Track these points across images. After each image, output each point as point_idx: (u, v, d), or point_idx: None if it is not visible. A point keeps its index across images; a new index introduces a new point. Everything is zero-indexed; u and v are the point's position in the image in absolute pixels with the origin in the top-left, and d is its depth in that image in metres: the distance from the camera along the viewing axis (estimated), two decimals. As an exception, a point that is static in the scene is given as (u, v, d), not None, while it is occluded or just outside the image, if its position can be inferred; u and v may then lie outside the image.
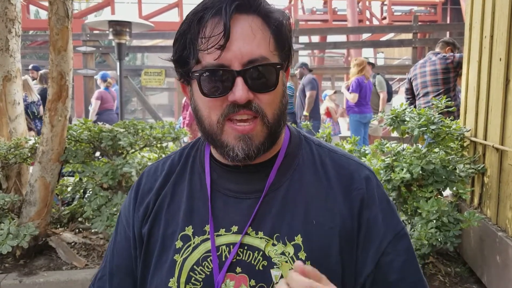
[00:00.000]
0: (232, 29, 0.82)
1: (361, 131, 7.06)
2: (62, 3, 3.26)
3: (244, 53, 0.83)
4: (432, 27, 13.88)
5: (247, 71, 0.83)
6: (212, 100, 0.86)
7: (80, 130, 3.62)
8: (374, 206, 0.93)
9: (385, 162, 3.18)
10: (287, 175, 0.95)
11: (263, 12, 0.86)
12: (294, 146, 0.99)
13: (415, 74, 5.08)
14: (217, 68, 0.83)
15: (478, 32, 3.43)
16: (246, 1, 0.84)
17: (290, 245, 0.90)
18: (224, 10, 0.82)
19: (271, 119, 0.87)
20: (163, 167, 1.06)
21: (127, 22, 6.28)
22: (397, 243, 0.93)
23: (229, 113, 0.85)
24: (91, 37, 10.61)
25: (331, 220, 0.91)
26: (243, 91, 0.83)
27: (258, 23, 0.85)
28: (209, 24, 0.83)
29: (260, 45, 0.84)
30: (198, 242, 0.93)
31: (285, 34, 0.89)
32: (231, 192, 0.95)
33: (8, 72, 3.64)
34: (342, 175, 0.96)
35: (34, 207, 3.42)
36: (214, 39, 0.82)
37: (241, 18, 0.84)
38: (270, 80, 0.86)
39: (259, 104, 0.85)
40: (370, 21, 19.44)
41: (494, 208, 3.06)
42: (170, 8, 18.70)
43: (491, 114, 3.16)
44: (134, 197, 1.05)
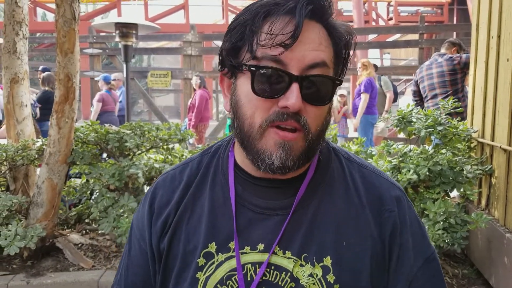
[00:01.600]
0: (302, 31, 0.78)
1: (369, 132, 7.04)
2: (69, 5, 3.28)
3: (305, 56, 0.79)
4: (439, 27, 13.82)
5: (305, 78, 0.79)
6: (261, 100, 0.81)
7: (87, 132, 3.63)
8: (405, 230, 0.90)
9: (391, 163, 3.16)
10: (318, 192, 0.90)
11: (331, 25, 0.84)
12: (324, 160, 0.93)
13: (421, 77, 5.06)
14: (276, 67, 0.79)
15: (485, 33, 3.41)
16: (320, 8, 0.81)
17: (319, 266, 0.86)
18: (299, 10, 0.78)
19: (314, 135, 0.83)
20: (181, 177, 0.98)
21: (133, 24, 6.31)
22: (426, 268, 0.91)
23: (275, 120, 0.80)
24: (98, 39, 10.67)
25: (362, 242, 0.87)
26: (297, 99, 0.78)
27: (324, 33, 0.82)
28: (278, 21, 0.79)
29: (324, 51, 0.81)
30: (222, 260, 0.88)
31: (344, 52, 0.85)
32: (258, 207, 0.89)
33: (16, 74, 3.67)
34: (373, 194, 0.91)
35: (41, 209, 3.44)
36: (281, 37, 0.77)
37: (311, 24, 0.81)
38: (326, 94, 0.82)
39: (306, 117, 0.81)
40: (376, 22, 19.39)
41: (502, 209, 3.04)
42: (176, 10, 18.76)
43: (498, 115, 3.14)
44: (149, 210, 0.97)
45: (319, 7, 0.80)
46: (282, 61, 0.78)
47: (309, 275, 0.85)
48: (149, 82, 10.70)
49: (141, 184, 3.70)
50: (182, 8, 18.44)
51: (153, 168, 3.67)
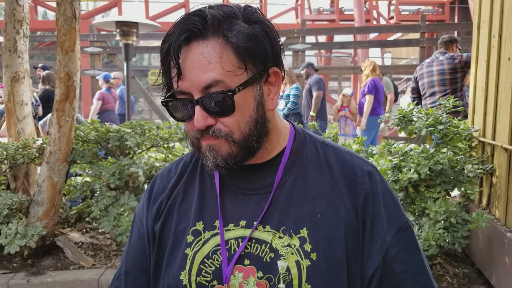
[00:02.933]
0: (185, 60, 0.86)
1: (373, 132, 7.03)
2: (70, 4, 3.27)
3: (198, 80, 0.86)
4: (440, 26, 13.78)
5: (203, 99, 0.87)
6: (185, 123, 0.94)
7: (88, 131, 3.63)
8: (377, 200, 0.97)
9: (392, 163, 3.16)
10: (292, 171, 0.99)
11: (223, 31, 0.87)
12: (299, 144, 1.02)
13: (421, 74, 5.05)
14: (178, 98, 0.90)
15: (486, 32, 3.40)
16: (196, 30, 0.86)
17: (296, 237, 0.94)
18: (173, 44, 0.86)
19: (238, 137, 0.91)
20: (176, 169, 1.10)
21: (134, 23, 6.29)
22: (401, 236, 0.96)
23: (198, 136, 0.92)
24: (99, 37, 10.65)
25: (336, 213, 0.95)
26: (201, 119, 0.88)
27: (215, 46, 0.86)
28: (168, 57, 0.88)
29: (214, 69, 0.86)
30: (208, 237, 0.98)
31: (256, 43, 0.88)
32: (239, 189, 1.00)
33: (16, 72, 3.67)
34: (346, 170, 0.99)
35: (41, 207, 3.44)
36: (173, 71, 0.87)
37: (197, 46, 0.87)
38: (225, 106, 0.88)
39: (221, 128, 0.90)
40: (377, 21, 19.34)
41: (503, 208, 3.03)
42: (177, 8, 18.73)
43: (499, 114, 3.13)
44: (148, 197, 1.09)
45: (195, 29, 0.86)
46: (184, 91, 0.88)
47: (287, 245, 0.94)
48: (149, 80, 10.69)
49: (142, 183, 3.70)
50: (182, 6, 18.42)
51: (154, 167, 3.67)
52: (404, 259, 0.95)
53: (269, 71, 0.93)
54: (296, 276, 0.92)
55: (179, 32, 0.86)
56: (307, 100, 7.71)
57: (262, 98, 0.93)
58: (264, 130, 0.95)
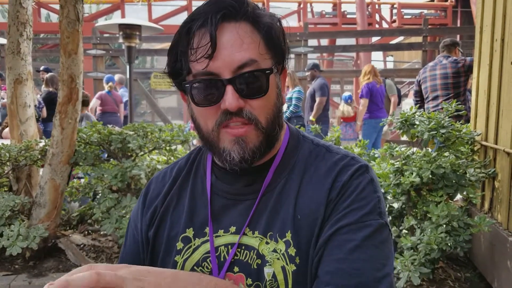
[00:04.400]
0: (220, 38, 0.84)
1: (372, 136, 7.01)
2: (73, 6, 3.29)
3: (232, 60, 0.84)
4: (442, 30, 13.80)
5: (236, 78, 0.85)
6: (205, 109, 0.89)
7: (90, 133, 3.64)
8: (348, 192, 0.89)
9: (394, 166, 3.16)
10: (283, 175, 0.97)
11: (252, 17, 0.88)
12: (292, 147, 1.00)
13: (424, 77, 5.05)
14: (206, 77, 0.85)
15: (488, 35, 3.40)
16: (232, 9, 0.86)
17: (282, 241, 0.91)
18: (210, 20, 0.84)
19: (265, 124, 0.89)
20: (171, 173, 1.08)
21: (137, 26, 6.32)
22: (357, 229, 0.85)
23: (223, 121, 0.87)
24: (101, 40, 10.68)
25: (314, 212, 0.90)
26: (233, 99, 0.84)
27: (246, 29, 0.87)
28: (196, 35, 0.85)
29: (249, 49, 0.85)
30: (198, 244, 0.96)
31: (276, 36, 0.90)
32: (229, 194, 0.98)
33: (19, 75, 3.68)
34: (332, 170, 0.94)
35: (44, 209, 3.44)
36: (202, 50, 0.84)
37: (229, 26, 0.86)
38: (260, 86, 0.87)
39: (251, 111, 0.87)
40: (380, 25, 19.35)
41: (505, 212, 3.03)
42: (180, 11, 18.79)
43: (502, 118, 3.12)
44: (143, 202, 1.07)
45: (231, 8, 0.86)
46: (212, 72, 0.84)
47: (273, 251, 0.91)
48: (152, 83, 10.70)
49: (144, 185, 3.70)
50: (185, 9, 18.47)
51: (156, 169, 3.67)
52: (348, 250, 0.83)
53: (284, 65, 0.94)
54: (283, 282, 0.89)
55: (215, 10, 0.85)
56: (309, 104, 7.69)
57: (280, 89, 0.94)
58: (280, 122, 0.94)
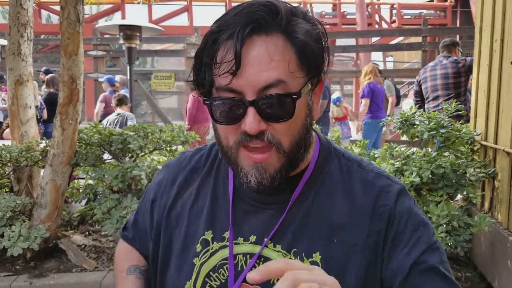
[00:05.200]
0: (246, 54, 0.76)
1: (373, 136, 7.02)
2: (73, 7, 3.29)
3: (257, 79, 0.77)
4: (442, 30, 13.80)
5: (260, 100, 0.78)
6: (225, 126, 0.83)
7: (91, 134, 3.65)
8: (402, 220, 0.87)
9: (394, 166, 3.16)
10: (313, 189, 0.91)
11: (285, 29, 0.79)
12: (323, 159, 0.94)
13: (425, 77, 5.05)
14: (228, 96, 0.79)
15: (488, 36, 3.41)
16: (263, 21, 0.77)
17: (308, 261, 0.87)
18: (237, 34, 0.76)
19: (288, 147, 0.82)
20: (190, 161, 1.04)
21: (137, 27, 6.34)
22: (428, 255, 0.86)
23: (243, 141, 0.81)
24: (102, 41, 10.70)
25: (354, 239, 0.87)
26: (254, 123, 0.78)
27: (278, 43, 0.78)
28: (221, 48, 0.78)
29: (277, 67, 0.77)
30: (216, 248, 0.92)
31: (312, 50, 0.81)
32: (253, 201, 0.92)
33: (20, 76, 3.69)
34: (370, 190, 0.90)
35: (45, 210, 3.45)
36: (226, 65, 0.76)
37: (258, 40, 0.77)
38: (286, 110, 0.79)
39: (274, 134, 0.80)
40: (380, 25, 19.36)
41: (505, 212, 3.03)
42: (180, 12, 18.80)
43: (501, 118, 3.13)
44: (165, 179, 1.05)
45: (262, 21, 0.77)
46: (235, 89, 0.78)
47: None
48: (152, 84, 10.72)
49: (144, 186, 3.70)
50: (185, 10, 18.48)
51: (156, 170, 3.68)
52: (429, 279, 0.85)
53: (320, 79, 0.87)
54: None
55: (244, 23, 0.76)
56: None
57: (311, 106, 0.87)
58: (309, 140, 0.88)
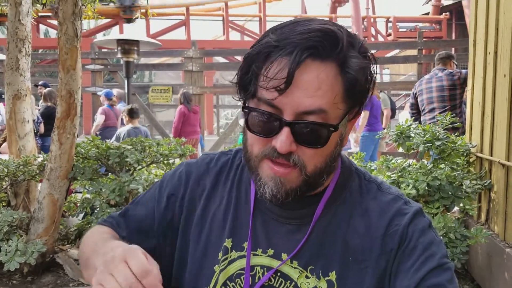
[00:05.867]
0: (297, 76, 0.76)
1: (370, 148, 7.06)
2: (72, 23, 3.33)
3: (301, 103, 0.78)
4: (437, 43, 13.94)
5: (297, 123, 0.79)
6: (257, 137, 0.84)
7: (88, 147, 3.66)
8: (413, 239, 0.86)
9: (391, 178, 3.18)
10: (332, 208, 0.92)
11: (341, 60, 0.79)
12: (344, 178, 0.95)
13: (420, 90, 5.09)
14: (267, 110, 0.80)
15: (482, 48, 3.45)
16: (321, 48, 0.77)
17: (324, 280, 0.87)
18: (294, 55, 0.76)
19: (311, 171, 0.83)
20: (216, 164, 1.03)
21: (135, 41, 6.39)
22: (438, 273, 0.84)
23: (268, 155, 0.83)
24: (100, 55, 10.77)
25: (367, 258, 0.88)
26: (286, 143, 0.79)
27: (330, 72, 0.78)
28: (275, 64, 0.77)
29: (323, 96, 0.78)
30: (235, 257, 0.92)
31: (361, 85, 0.81)
32: (272, 213, 0.93)
33: (18, 90, 3.71)
34: (386, 212, 0.90)
35: (42, 224, 3.45)
36: (276, 82, 0.76)
37: (312, 65, 0.78)
38: (319, 139, 0.81)
39: (301, 156, 0.81)
40: (375, 38, 19.54)
41: (502, 224, 3.04)
42: (178, 26, 18.94)
43: (496, 130, 3.16)
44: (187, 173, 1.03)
45: (321, 47, 0.77)
46: (277, 106, 0.79)
47: (313, 287, 0.87)
48: (150, 97, 10.76)
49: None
50: (183, 24, 18.62)
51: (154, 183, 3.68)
52: None
53: (360, 110, 0.87)
54: None
55: (303, 46, 0.76)
56: None
57: (344, 136, 0.87)
58: (334, 168, 0.89)
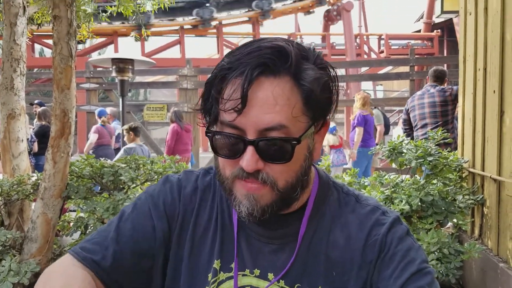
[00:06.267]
0: (253, 94, 0.77)
1: (363, 164, 7.10)
2: (66, 43, 3.36)
3: (260, 120, 0.78)
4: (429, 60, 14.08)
5: (260, 141, 0.79)
6: (224, 159, 0.85)
7: (82, 166, 3.66)
8: (391, 247, 0.87)
9: (384, 194, 3.19)
10: (313, 224, 0.93)
11: (294, 73, 0.80)
12: (322, 193, 0.96)
13: (413, 106, 5.15)
14: (230, 134, 0.81)
15: (472, 65, 3.50)
16: (271, 64, 0.78)
17: None
18: (246, 75, 0.77)
19: (283, 187, 0.83)
20: (200, 183, 1.01)
21: (129, 60, 6.43)
22: (418, 277, 0.84)
23: (238, 176, 0.83)
24: (95, 74, 10.82)
25: (349, 270, 0.89)
26: (251, 161, 0.80)
27: (284, 86, 0.79)
28: (229, 85, 0.79)
29: (281, 112, 0.78)
30: (223, 279, 0.92)
31: (319, 95, 0.81)
32: (254, 233, 0.93)
33: (13, 110, 3.72)
34: (365, 224, 0.91)
35: (35, 244, 3.43)
36: (232, 103, 0.78)
37: (266, 82, 0.79)
38: (284, 154, 0.81)
39: (270, 173, 0.82)
40: (368, 55, 19.78)
41: (495, 238, 3.06)
42: (173, 45, 19.10)
43: (487, 145, 3.19)
44: (178, 188, 1.00)
45: (271, 63, 0.78)
46: (238, 127, 0.79)
47: None
48: (145, 115, 10.80)
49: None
50: (178, 43, 18.77)
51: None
52: None
53: (326, 122, 0.88)
54: None
55: (254, 64, 0.77)
56: None
57: (312, 148, 0.88)
58: (307, 181, 0.89)
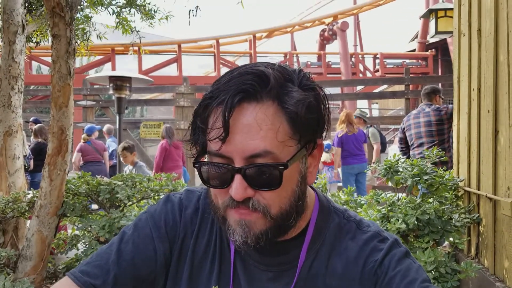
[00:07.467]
0: (236, 121, 0.76)
1: (350, 180, 7.22)
2: (65, 61, 3.38)
3: (245, 147, 0.77)
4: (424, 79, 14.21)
5: (247, 169, 0.78)
6: (214, 189, 0.84)
7: (79, 184, 3.65)
8: (390, 269, 0.86)
9: (381, 213, 3.20)
10: (313, 251, 0.91)
11: (276, 96, 0.79)
12: (323, 219, 0.94)
13: (409, 125, 5.18)
14: (216, 163, 0.80)
15: (466, 85, 3.55)
16: (252, 90, 0.77)
17: None
18: (226, 102, 0.76)
19: (276, 214, 0.82)
20: (201, 205, 0.99)
21: (127, 78, 6.46)
22: None
23: (229, 206, 0.82)
24: (92, 91, 10.85)
25: None
26: (240, 190, 0.78)
27: (268, 111, 0.78)
28: (212, 115, 0.79)
29: (265, 137, 0.77)
30: None
31: (305, 116, 0.80)
32: (252, 260, 0.92)
33: (9, 127, 3.72)
34: (363, 250, 0.89)
35: (30, 262, 3.40)
36: (216, 132, 0.77)
37: (249, 107, 0.77)
38: (272, 180, 0.79)
39: (260, 201, 0.80)
40: (363, 74, 19.95)
41: (491, 258, 3.06)
42: (170, 63, 19.20)
43: (483, 164, 3.21)
44: (179, 207, 0.98)
45: (252, 89, 0.77)
46: (225, 155, 0.78)
47: None
48: (141, 132, 10.80)
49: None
50: (175, 61, 18.88)
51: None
52: None
53: (317, 143, 0.86)
54: None
55: (234, 91, 0.76)
56: None
57: (305, 172, 0.86)
58: (302, 207, 0.87)
